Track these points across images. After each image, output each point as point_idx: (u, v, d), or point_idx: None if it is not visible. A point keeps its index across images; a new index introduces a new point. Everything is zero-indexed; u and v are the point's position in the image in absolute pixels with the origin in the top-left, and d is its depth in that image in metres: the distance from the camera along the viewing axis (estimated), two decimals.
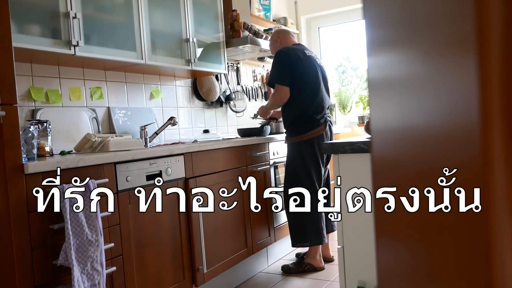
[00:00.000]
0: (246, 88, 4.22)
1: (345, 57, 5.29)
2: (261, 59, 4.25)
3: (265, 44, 3.60)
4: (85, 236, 1.74)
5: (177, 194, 2.33)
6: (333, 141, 1.51)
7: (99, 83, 2.73)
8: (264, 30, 3.97)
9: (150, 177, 2.17)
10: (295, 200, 3.07)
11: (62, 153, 2.22)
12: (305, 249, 3.40)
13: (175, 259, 2.30)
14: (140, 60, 2.56)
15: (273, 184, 3.29)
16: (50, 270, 1.68)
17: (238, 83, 4.10)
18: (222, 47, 3.37)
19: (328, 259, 3.31)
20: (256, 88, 4.41)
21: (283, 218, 3.41)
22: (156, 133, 2.90)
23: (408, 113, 0.42)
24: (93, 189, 1.80)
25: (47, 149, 2.16)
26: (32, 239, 1.62)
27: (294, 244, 3.13)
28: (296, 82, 3.06)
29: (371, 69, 0.50)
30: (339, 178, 1.52)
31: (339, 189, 1.52)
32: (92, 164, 1.83)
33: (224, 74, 3.88)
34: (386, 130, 0.49)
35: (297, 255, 3.44)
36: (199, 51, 3.11)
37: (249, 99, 4.26)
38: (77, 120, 2.52)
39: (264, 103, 4.52)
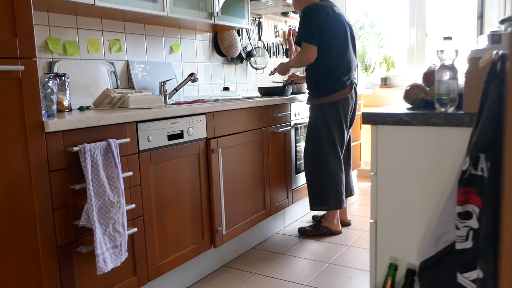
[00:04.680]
0: (267, 44, 4.06)
1: (363, 13, 5.05)
2: (284, 14, 4.05)
3: None
4: (107, 197, 1.69)
5: (197, 156, 2.27)
6: (373, 111, 1.41)
7: (118, 35, 2.61)
8: None
9: (172, 137, 2.10)
10: (315, 164, 3.01)
11: (81, 108, 2.14)
12: (322, 212, 3.37)
13: (194, 221, 2.27)
14: (161, 12, 2.43)
15: (293, 146, 3.21)
16: (71, 231, 1.65)
17: (260, 39, 3.94)
18: (246, 1, 3.19)
19: (345, 223, 3.27)
20: (278, 44, 4.24)
21: (301, 180, 3.35)
22: (176, 90, 2.80)
23: None
24: (115, 149, 1.73)
25: (66, 104, 2.08)
26: (54, 200, 1.57)
27: (312, 207, 3.09)
28: (324, 41, 2.91)
29: None
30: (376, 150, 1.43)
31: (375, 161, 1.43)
32: (113, 123, 1.75)
33: (247, 29, 3.72)
34: None
35: (314, 217, 3.41)
36: (221, 4, 2.95)
37: (270, 56, 4.11)
38: (96, 73, 2.43)
39: (285, 60, 4.37)
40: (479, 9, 3.58)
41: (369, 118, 1.40)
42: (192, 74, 2.80)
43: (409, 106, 1.60)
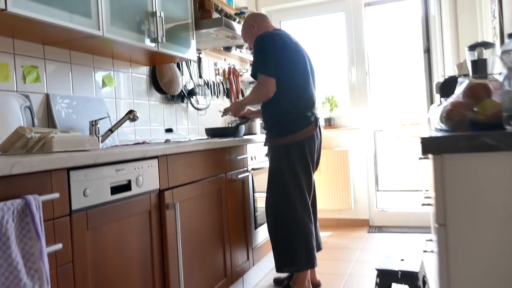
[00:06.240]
0: (208, 82, 3.62)
1: None
2: (227, 49, 3.67)
3: (239, 29, 3.03)
4: (22, 287, 1.07)
5: (149, 214, 1.70)
6: (436, 134, 0.99)
7: (36, 61, 2.01)
8: (235, 14, 3.41)
9: (116, 189, 1.52)
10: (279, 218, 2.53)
11: None
12: (285, 274, 2.87)
13: None
14: (96, 30, 1.89)
15: (251, 195, 2.73)
16: None
17: (200, 76, 3.49)
18: (191, 29, 2.75)
19: (315, 284, 2.78)
20: (218, 83, 3.82)
21: (260, 235, 2.85)
22: (111, 131, 2.22)
23: None
24: (36, 210, 1.13)
25: None
26: None
27: (279, 269, 2.57)
28: (283, 72, 2.53)
29: None
30: (441, 190, 1.00)
31: (443, 207, 1.00)
32: (34, 170, 1.16)
33: (189, 62, 3.27)
34: None
35: (276, 280, 2.88)
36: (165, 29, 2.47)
37: (211, 95, 3.66)
38: (3, 108, 1.79)
39: (226, 101, 3.96)
40: (425, 43, 3.49)
41: (431, 145, 0.97)
42: (131, 112, 2.26)
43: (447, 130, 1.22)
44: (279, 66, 2.52)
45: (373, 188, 4.40)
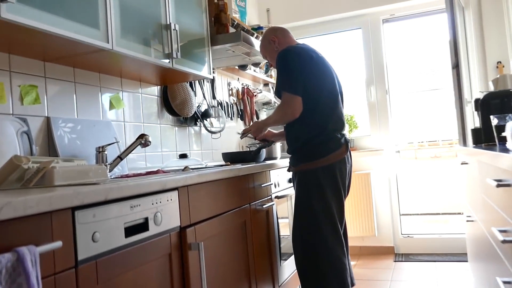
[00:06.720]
0: (222, 103, 3.37)
1: None
2: (242, 67, 3.43)
3: (258, 45, 2.79)
4: None
5: (169, 257, 1.42)
6: None
7: (35, 79, 1.76)
8: (253, 29, 3.18)
9: (131, 230, 1.25)
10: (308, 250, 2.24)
11: None
12: None
13: None
14: (104, 43, 1.64)
15: (275, 226, 2.45)
16: None
17: (214, 97, 3.25)
18: (207, 44, 2.52)
19: None
20: (232, 104, 3.58)
21: (286, 270, 2.55)
22: (120, 158, 1.96)
23: None
24: (32, 267, 0.86)
25: None
26: None
27: None
28: (310, 90, 2.28)
29: None
30: None
31: None
32: (30, 213, 0.89)
33: (202, 82, 3.03)
34: None
35: None
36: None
37: (225, 117, 3.42)
38: None
39: (240, 123, 3.71)
40: (453, 59, 3.26)
41: None
42: (142, 136, 2.00)
43: None
44: (305, 83, 2.27)
45: (396, 212, 4.10)
